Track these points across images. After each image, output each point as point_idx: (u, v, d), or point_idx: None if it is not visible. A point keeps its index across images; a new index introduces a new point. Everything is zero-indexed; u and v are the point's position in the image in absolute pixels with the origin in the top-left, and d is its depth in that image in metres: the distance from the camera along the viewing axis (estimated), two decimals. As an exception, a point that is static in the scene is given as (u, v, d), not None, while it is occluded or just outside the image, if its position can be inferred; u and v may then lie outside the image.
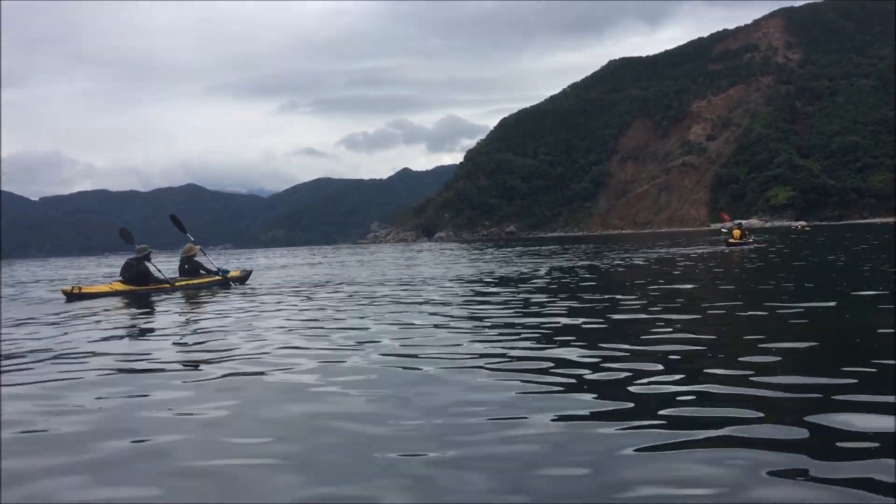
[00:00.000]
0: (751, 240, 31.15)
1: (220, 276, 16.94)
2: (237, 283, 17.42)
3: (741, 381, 4.58)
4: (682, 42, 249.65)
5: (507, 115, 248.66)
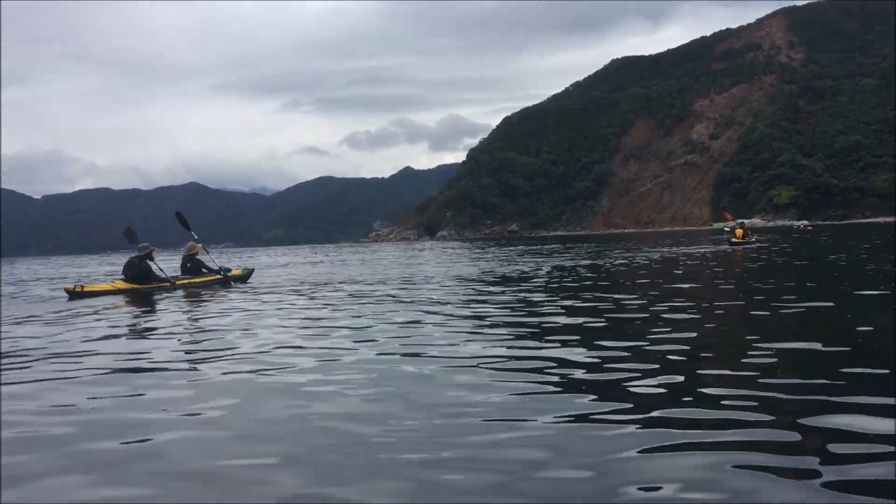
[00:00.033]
0: (753, 239, 31.03)
1: (221, 275, 16.95)
2: (239, 281, 17.43)
3: (742, 382, 4.55)
4: (685, 41, 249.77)
5: (509, 113, 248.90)
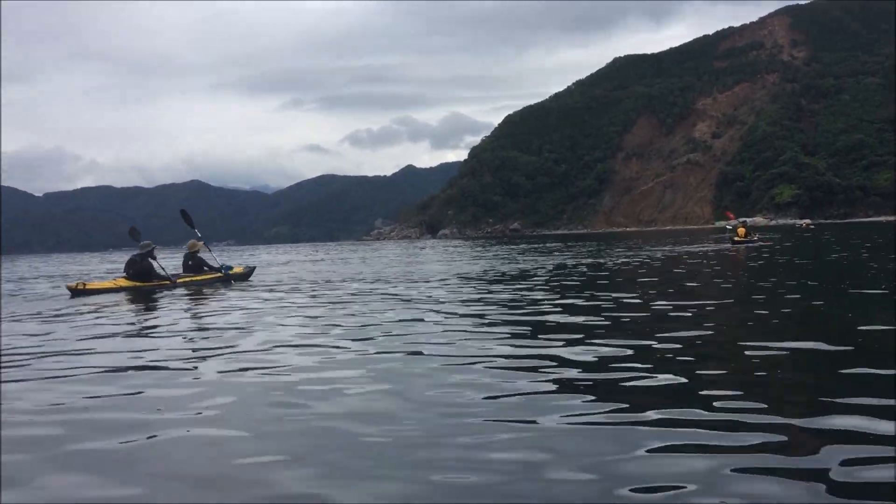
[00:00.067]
0: (755, 238, 31.02)
1: (222, 274, 16.97)
2: (240, 279, 17.45)
3: (743, 382, 4.53)
4: (688, 39, 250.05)
5: (511, 112, 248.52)
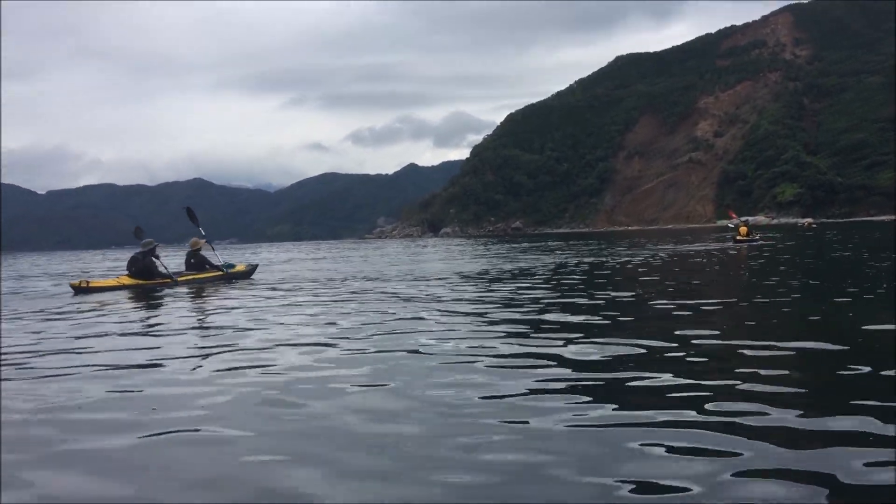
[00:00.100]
0: (757, 237, 31.05)
1: (223, 272, 16.98)
2: (242, 277, 17.48)
3: (743, 382, 4.50)
4: (690, 38, 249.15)
5: (513, 110, 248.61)
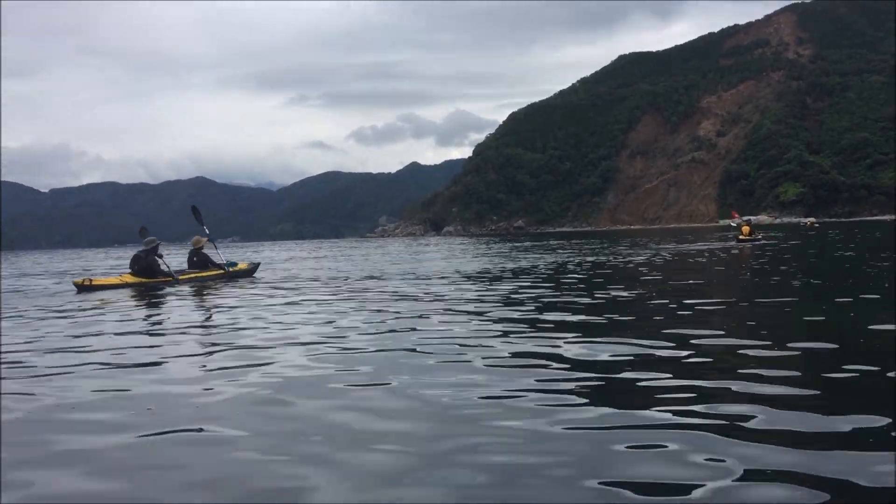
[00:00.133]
0: (759, 237, 31.06)
1: (225, 270, 17.00)
2: (244, 275, 17.50)
3: (744, 382, 4.47)
4: (693, 37, 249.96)
5: (516, 109, 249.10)
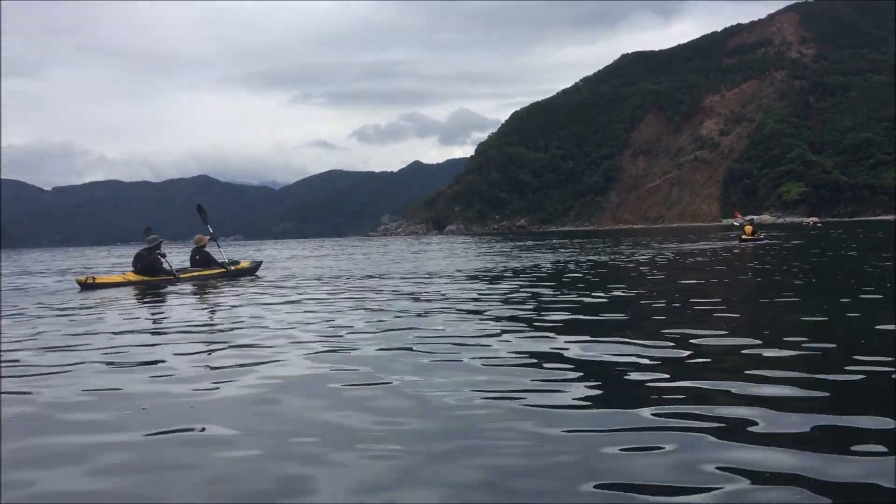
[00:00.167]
0: (762, 236, 31.08)
1: (227, 268, 17.00)
2: (246, 274, 17.51)
3: (743, 381, 4.45)
4: (696, 36, 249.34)
5: (519, 108, 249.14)
